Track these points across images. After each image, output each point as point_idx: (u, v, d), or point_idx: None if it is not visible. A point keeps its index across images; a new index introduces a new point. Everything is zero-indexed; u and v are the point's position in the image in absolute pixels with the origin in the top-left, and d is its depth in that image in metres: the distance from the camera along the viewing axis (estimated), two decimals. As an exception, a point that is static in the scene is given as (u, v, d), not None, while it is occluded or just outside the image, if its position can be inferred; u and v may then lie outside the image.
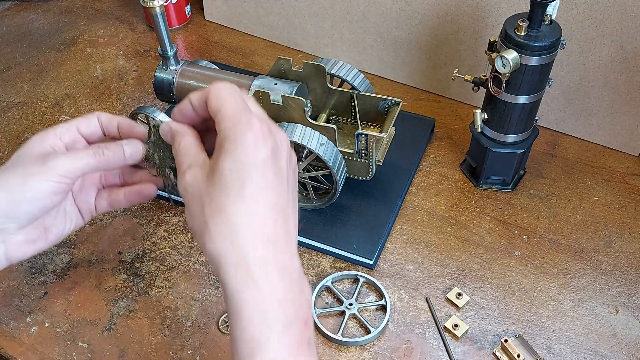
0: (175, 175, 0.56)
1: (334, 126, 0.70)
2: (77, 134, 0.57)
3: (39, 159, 0.53)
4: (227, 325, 0.68)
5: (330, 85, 0.77)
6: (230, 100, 0.48)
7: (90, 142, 0.58)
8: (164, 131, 0.53)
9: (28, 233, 0.56)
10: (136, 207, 0.80)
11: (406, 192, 0.81)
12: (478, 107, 0.77)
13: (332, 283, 0.71)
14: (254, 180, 0.44)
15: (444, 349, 0.66)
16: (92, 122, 0.58)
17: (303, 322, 0.44)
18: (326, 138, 0.70)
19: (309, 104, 0.71)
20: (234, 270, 0.43)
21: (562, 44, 0.68)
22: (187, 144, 0.50)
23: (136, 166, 0.59)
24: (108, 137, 0.59)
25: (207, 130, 0.53)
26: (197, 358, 0.65)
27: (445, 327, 0.67)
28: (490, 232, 0.77)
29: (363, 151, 0.72)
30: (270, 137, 0.47)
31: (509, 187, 0.81)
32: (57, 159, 0.53)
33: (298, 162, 0.73)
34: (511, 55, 0.67)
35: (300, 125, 0.69)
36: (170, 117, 0.53)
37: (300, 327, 0.44)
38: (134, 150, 0.56)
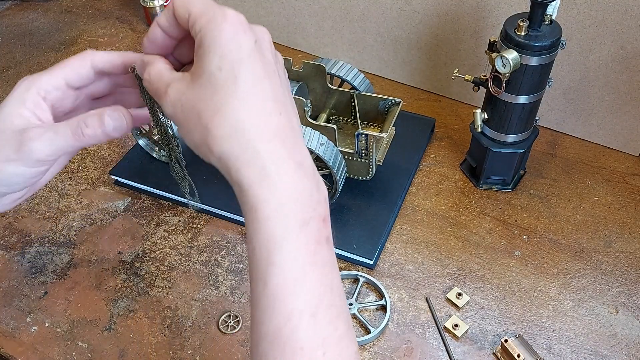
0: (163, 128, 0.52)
1: (334, 126, 0.70)
2: (65, 89, 0.52)
3: (15, 137, 0.48)
4: (227, 325, 0.68)
5: (330, 85, 0.77)
6: (202, 2, 0.43)
7: (79, 88, 0.52)
8: (138, 69, 0.48)
9: (12, 196, 0.52)
10: (136, 207, 0.80)
11: (406, 192, 0.81)
12: (478, 107, 0.77)
13: (332, 283, 0.71)
14: (244, 74, 0.42)
15: (444, 349, 0.66)
16: (83, 71, 0.51)
17: (321, 219, 0.43)
18: (326, 138, 0.70)
19: (309, 104, 0.71)
20: (246, 167, 0.41)
21: (562, 44, 0.68)
22: (157, 70, 0.46)
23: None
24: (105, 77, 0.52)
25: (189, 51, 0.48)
26: (197, 358, 0.65)
27: (445, 327, 0.67)
28: (491, 232, 0.77)
29: (363, 151, 0.72)
30: (250, 29, 0.43)
31: (509, 187, 0.81)
32: (33, 141, 0.48)
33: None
34: (511, 55, 0.66)
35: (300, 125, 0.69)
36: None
37: (319, 224, 0.43)
38: (117, 123, 0.49)
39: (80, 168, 0.85)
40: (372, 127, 0.79)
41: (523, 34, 0.67)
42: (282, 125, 0.43)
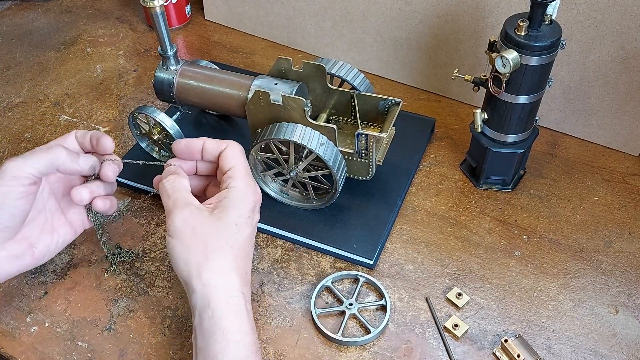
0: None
1: (334, 126, 0.70)
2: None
3: None
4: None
5: (330, 85, 0.77)
6: (243, 162, 0.62)
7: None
8: (170, 168, 0.63)
9: (10, 248, 0.60)
10: (136, 207, 0.80)
11: (406, 192, 0.81)
12: (478, 107, 0.77)
13: (332, 283, 0.71)
14: (246, 236, 0.59)
15: (444, 349, 0.66)
16: (68, 140, 0.65)
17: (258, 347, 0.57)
18: (326, 138, 0.70)
19: (309, 104, 0.71)
20: (226, 301, 0.55)
21: (562, 44, 0.68)
22: (183, 185, 0.61)
23: None
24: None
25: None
26: (197, 358, 0.65)
27: (445, 327, 0.67)
28: (490, 232, 0.77)
29: (363, 151, 0.72)
30: (259, 202, 0.62)
31: (509, 187, 0.82)
32: (9, 161, 0.58)
33: (298, 162, 0.73)
34: (511, 55, 0.66)
35: (300, 125, 0.69)
36: (173, 147, 0.65)
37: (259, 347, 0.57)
38: (88, 162, 0.63)
39: (80, 168, 0.85)
40: (372, 127, 0.79)
41: (523, 34, 0.67)
42: (249, 277, 0.59)
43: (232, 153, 0.62)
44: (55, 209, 0.65)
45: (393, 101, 0.76)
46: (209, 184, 0.68)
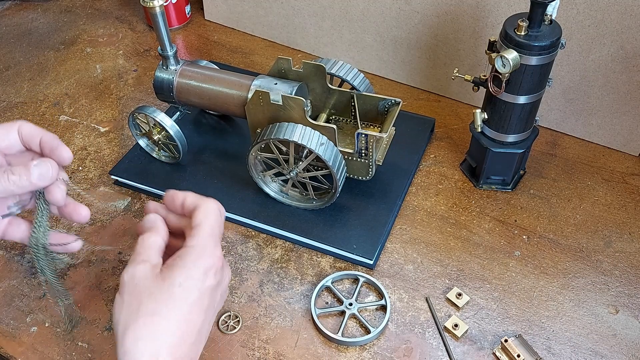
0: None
1: (334, 126, 0.70)
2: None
3: None
4: (227, 325, 0.68)
5: (330, 85, 0.77)
6: (212, 223, 0.53)
7: (7, 155, 0.55)
8: (149, 220, 0.55)
9: None
10: (136, 207, 0.80)
11: (406, 192, 0.81)
12: (478, 107, 0.77)
13: (332, 283, 0.71)
14: (191, 301, 0.49)
15: (443, 349, 0.66)
16: (10, 134, 0.54)
17: None
18: (326, 138, 0.70)
19: (308, 104, 0.70)
20: None
21: (562, 44, 0.68)
22: (154, 243, 0.53)
23: None
24: (29, 152, 0.55)
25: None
26: (197, 358, 0.65)
27: (445, 327, 0.67)
28: (490, 232, 0.77)
29: (363, 151, 0.72)
30: (221, 272, 0.53)
31: (509, 187, 0.81)
32: None
33: (298, 162, 0.73)
34: (511, 55, 0.66)
35: (300, 125, 0.69)
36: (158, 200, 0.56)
37: None
38: (43, 171, 0.51)
39: (80, 168, 0.85)
40: (372, 127, 0.79)
41: (523, 34, 0.67)
42: (190, 352, 0.50)
43: (204, 210, 0.53)
44: None
45: (393, 101, 0.76)
46: None
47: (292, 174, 0.74)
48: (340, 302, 0.69)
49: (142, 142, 0.83)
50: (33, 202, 0.54)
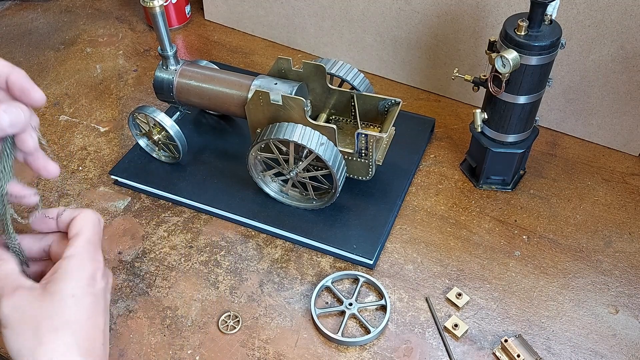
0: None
1: (334, 126, 0.70)
2: None
3: None
4: (227, 325, 0.68)
5: (330, 85, 0.77)
6: (91, 230, 0.52)
7: None
8: None
9: None
10: (136, 207, 0.80)
11: (406, 192, 0.81)
12: (478, 107, 0.77)
13: (332, 283, 0.71)
14: (88, 307, 0.49)
15: (443, 349, 0.66)
16: None
17: None
18: (326, 138, 0.70)
19: (308, 104, 0.70)
20: None
21: (562, 44, 0.68)
22: (10, 269, 0.51)
23: None
24: None
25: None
26: (197, 358, 0.65)
27: (445, 327, 0.67)
28: (490, 232, 0.77)
29: (363, 151, 0.72)
30: (105, 276, 0.52)
31: (509, 187, 0.81)
32: None
33: (298, 162, 0.73)
34: (511, 55, 0.66)
35: (300, 125, 0.69)
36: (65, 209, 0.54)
37: None
38: (13, 117, 0.47)
39: (80, 168, 0.85)
40: (372, 127, 0.79)
41: (523, 34, 0.67)
42: (102, 353, 0.50)
43: (81, 220, 0.52)
44: None
45: (393, 101, 0.76)
46: None
47: (292, 174, 0.74)
48: (340, 302, 0.69)
49: (142, 142, 0.83)
50: None
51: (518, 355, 0.63)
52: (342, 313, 0.68)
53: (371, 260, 0.72)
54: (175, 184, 0.81)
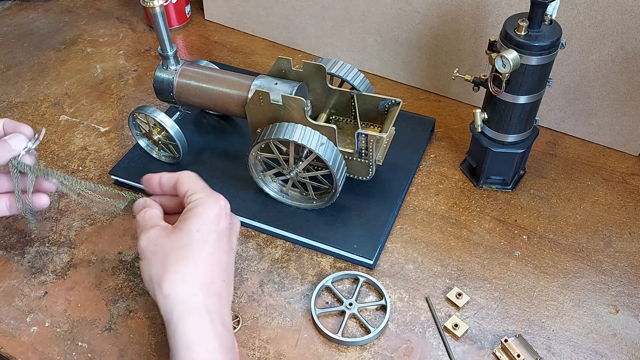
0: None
1: (334, 126, 0.70)
2: None
3: None
4: (227, 325, 0.68)
5: (330, 85, 0.77)
6: (198, 182, 0.61)
7: None
8: (138, 204, 0.62)
9: None
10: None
11: (406, 192, 0.81)
12: (478, 107, 0.77)
13: (332, 283, 0.71)
14: (212, 243, 0.56)
15: (444, 348, 0.66)
16: None
17: None
18: (326, 138, 0.70)
19: (309, 104, 0.70)
20: (187, 315, 0.53)
21: (562, 44, 0.68)
22: (152, 214, 0.60)
23: None
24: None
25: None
26: (197, 358, 0.65)
27: (445, 326, 0.67)
28: (490, 232, 0.77)
29: (363, 151, 0.72)
30: (229, 216, 0.59)
31: (509, 187, 0.81)
32: None
33: (298, 162, 0.73)
34: (511, 55, 0.66)
35: (300, 125, 0.69)
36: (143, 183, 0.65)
37: None
38: (16, 140, 0.63)
39: (80, 168, 0.86)
40: (372, 127, 0.79)
41: (523, 34, 0.67)
42: (222, 289, 0.56)
43: (185, 179, 0.61)
44: None
45: (393, 101, 0.76)
46: None
47: (292, 174, 0.74)
48: (341, 302, 0.69)
49: (142, 142, 0.83)
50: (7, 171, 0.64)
51: (518, 355, 0.63)
52: (342, 313, 0.68)
53: (371, 260, 0.72)
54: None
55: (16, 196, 0.64)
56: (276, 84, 0.74)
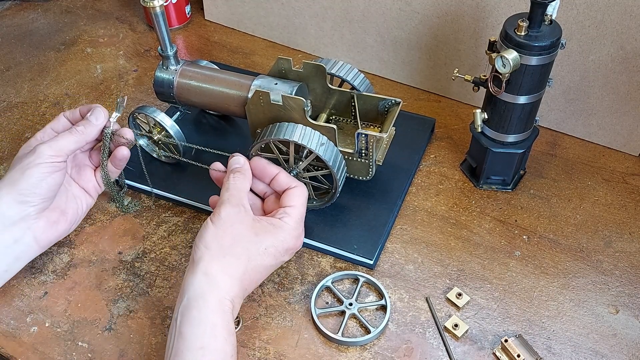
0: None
1: (334, 126, 0.70)
2: (52, 133, 0.71)
3: (29, 153, 0.66)
4: (227, 325, 0.68)
5: (330, 85, 0.77)
6: (303, 207, 0.66)
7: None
8: (237, 161, 0.67)
9: (48, 217, 0.67)
10: (136, 207, 0.80)
11: (406, 192, 0.81)
12: (478, 107, 0.77)
13: (332, 283, 0.71)
14: (267, 265, 0.62)
15: (444, 349, 0.66)
16: (60, 120, 0.72)
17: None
18: (326, 138, 0.70)
19: (309, 104, 0.70)
20: (218, 300, 0.58)
21: (562, 44, 0.68)
22: (243, 186, 0.65)
23: None
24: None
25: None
26: (197, 358, 0.65)
27: (445, 327, 0.67)
28: (491, 232, 0.77)
29: (363, 151, 0.72)
30: (296, 249, 0.66)
31: (509, 187, 0.82)
32: (43, 145, 0.66)
33: (298, 162, 0.73)
34: (511, 55, 0.67)
35: (300, 125, 0.69)
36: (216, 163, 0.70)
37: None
38: (97, 115, 0.71)
39: (81, 168, 0.85)
40: (372, 127, 0.79)
41: (523, 34, 0.67)
42: (244, 297, 0.63)
43: (298, 193, 0.66)
44: (69, 180, 0.72)
45: (393, 101, 0.76)
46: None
47: (292, 174, 0.74)
48: (341, 302, 0.69)
49: (142, 142, 0.83)
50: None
51: (518, 355, 0.63)
52: (343, 313, 0.68)
53: (371, 260, 0.72)
54: (176, 184, 0.81)
55: (102, 163, 0.73)
56: (276, 84, 0.74)
